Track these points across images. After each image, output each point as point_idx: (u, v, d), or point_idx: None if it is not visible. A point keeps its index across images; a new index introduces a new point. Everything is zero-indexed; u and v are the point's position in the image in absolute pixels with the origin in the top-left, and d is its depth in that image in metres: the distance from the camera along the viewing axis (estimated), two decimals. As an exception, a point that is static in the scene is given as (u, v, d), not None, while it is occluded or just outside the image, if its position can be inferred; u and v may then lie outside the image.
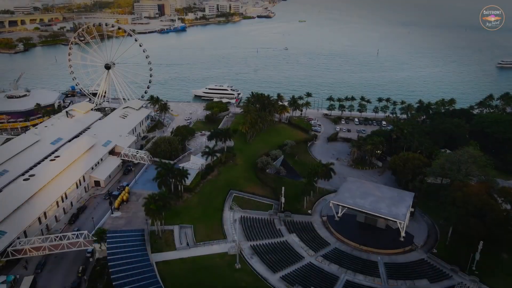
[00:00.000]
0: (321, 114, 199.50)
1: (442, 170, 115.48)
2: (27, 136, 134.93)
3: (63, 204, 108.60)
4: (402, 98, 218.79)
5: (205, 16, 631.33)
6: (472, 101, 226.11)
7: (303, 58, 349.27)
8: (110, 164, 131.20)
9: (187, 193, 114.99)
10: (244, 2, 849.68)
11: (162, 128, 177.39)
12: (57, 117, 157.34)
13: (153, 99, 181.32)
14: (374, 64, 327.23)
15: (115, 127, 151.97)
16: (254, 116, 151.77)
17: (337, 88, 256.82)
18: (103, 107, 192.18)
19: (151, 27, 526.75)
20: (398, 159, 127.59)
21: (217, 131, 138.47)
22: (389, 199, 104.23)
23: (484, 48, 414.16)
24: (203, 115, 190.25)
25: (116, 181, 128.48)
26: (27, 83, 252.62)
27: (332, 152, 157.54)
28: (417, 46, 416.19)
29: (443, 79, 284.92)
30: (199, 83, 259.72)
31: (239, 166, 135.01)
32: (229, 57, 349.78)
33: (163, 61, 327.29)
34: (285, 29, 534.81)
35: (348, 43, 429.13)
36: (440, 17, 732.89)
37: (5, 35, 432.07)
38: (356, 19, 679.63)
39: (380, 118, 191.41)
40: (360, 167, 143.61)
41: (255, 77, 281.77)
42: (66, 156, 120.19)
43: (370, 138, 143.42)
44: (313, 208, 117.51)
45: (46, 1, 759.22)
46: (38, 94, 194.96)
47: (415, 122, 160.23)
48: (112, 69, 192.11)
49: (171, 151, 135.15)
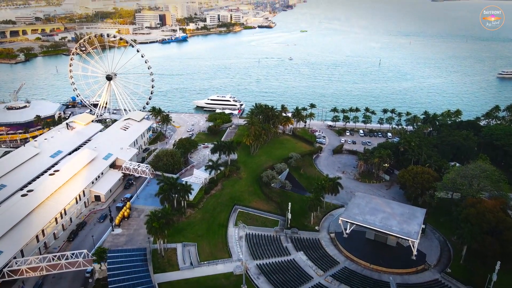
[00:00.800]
0: (325, 125, 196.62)
1: (453, 185, 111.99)
2: (26, 149, 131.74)
3: (62, 221, 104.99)
4: (406, 109, 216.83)
5: (206, 26, 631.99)
6: (475, 112, 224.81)
7: (305, 68, 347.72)
8: (110, 178, 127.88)
9: (190, 208, 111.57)
10: (245, 12, 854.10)
11: (164, 140, 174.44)
12: (57, 129, 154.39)
13: (155, 111, 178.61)
14: (376, 74, 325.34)
15: (116, 140, 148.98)
16: (258, 128, 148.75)
17: (340, 98, 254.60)
18: (104, 119, 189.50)
19: (152, 37, 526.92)
20: (406, 173, 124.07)
21: (221, 144, 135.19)
22: (400, 216, 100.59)
23: (486, 58, 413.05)
24: (205, 127, 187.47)
25: (117, 196, 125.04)
26: (27, 94, 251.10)
27: (337, 165, 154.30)
28: (418, 56, 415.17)
29: (447, 89, 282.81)
30: (201, 94, 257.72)
31: (243, 180, 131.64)
32: (231, 67, 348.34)
33: (165, 71, 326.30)
34: (287, 39, 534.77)
35: (349, 53, 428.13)
36: (440, 27, 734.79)
37: (6, 45, 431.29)
38: (356, 29, 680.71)
39: (385, 130, 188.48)
40: (367, 181, 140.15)
41: (257, 88, 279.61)
42: (66, 170, 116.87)
43: (377, 151, 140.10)
44: (320, 224, 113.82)
45: (48, 11, 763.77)
46: (38, 105, 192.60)
47: (422, 134, 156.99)
48: (114, 80, 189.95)
49: (173, 164, 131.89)
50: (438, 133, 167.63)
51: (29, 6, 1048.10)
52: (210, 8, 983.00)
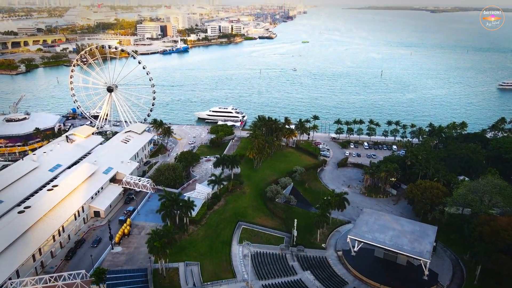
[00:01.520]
0: (328, 137, 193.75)
1: (464, 201, 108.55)
2: (24, 163, 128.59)
3: (59, 238, 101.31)
4: (410, 121, 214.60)
5: (207, 37, 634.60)
6: (479, 124, 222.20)
7: (306, 79, 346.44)
8: (111, 192, 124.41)
9: (192, 225, 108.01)
10: (246, 23, 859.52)
11: (165, 153, 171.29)
12: (56, 142, 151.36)
13: (156, 123, 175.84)
14: (378, 85, 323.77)
15: (116, 153, 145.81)
16: (261, 142, 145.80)
17: (343, 110, 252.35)
18: (105, 131, 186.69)
19: (153, 48, 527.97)
20: (415, 188, 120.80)
21: (224, 157, 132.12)
22: (410, 234, 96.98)
23: (488, 69, 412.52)
24: (207, 139, 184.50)
25: (117, 211, 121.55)
26: (27, 105, 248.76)
27: (342, 178, 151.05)
28: (420, 67, 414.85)
29: (450, 100, 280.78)
30: (202, 105, 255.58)
31: (247, 195, 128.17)
32: (232, 78, 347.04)
33: (166, 82, 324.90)
34: (288, 50, 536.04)
35: (351, 64, 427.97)
36: (440, 38, 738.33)
37: (8, 56, 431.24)
38: (357, 40, 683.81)
39: (390, 142, 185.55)
40: (373, 195, 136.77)
41: (259, 99, 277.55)
42: (65, 185, 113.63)
43: (384, 164, 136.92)
44: (327, 241, 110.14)
45: (50, 23, 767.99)
46: (38, 117, 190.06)
47: (429, 147, 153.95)
48: (115, 92, 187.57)
49: (175, 178, 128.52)
50: (445, 146, 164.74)
51: (31, 17, 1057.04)
52: (211, 19, 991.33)
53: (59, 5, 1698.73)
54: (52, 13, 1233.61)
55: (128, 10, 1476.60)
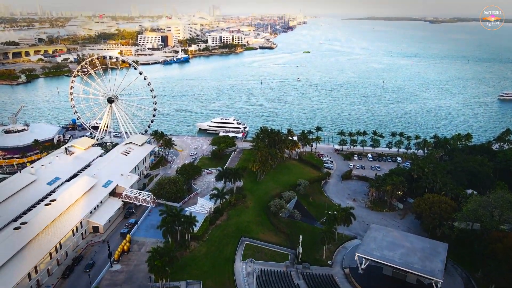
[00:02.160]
0: (332, 149, 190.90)
1: (474, 216, 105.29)
2: (22, 176, 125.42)
3: (56, 255, 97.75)
4: (414, 132, 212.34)
5: (208, 47, 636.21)
6: (484, 135, 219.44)
7: (308, 89, 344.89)
8: (110, 207, 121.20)
9: (194, 241, 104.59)
10: (246, 33, 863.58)
11: (166, 165, 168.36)
12: (55, 154, 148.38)
13: (157, 134, 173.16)
14: (380, 96, 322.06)
15: (116, 165, 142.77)
16: (264, 154, 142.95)
17: (346, 120, 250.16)
18: (105, 142, 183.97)
19: (154, 58, 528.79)
20: (422, 202, 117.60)
21: (226, 170, 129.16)
22: (421, 251, 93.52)
23: (489, 79, 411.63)
24: (208, 150, 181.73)
25: (116, 225, 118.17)
26: (27, 116, 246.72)
27: (347, 191, 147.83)
28: (422, 78, 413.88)
29: (453, 111, 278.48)
30: (203, 116, 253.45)
31: (250, 209, 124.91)
32: (233, 89, 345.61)
33: (167, 92, 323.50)
34: (289, 60, 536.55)
35: (352, 74, 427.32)
36: (440, 49, 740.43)
37: (8, 66, 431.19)
38: (358, 51, 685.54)
39: (394, 154, 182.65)
40: (379, 209, 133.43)
41: (260, 110, 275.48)
42: (63, 200, 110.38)
43: (389, 177, 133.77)
44: (333, 258, 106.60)
45: (52, 33, 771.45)
46: (37, 129, 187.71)
47: (434, 160, 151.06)
48: (115, 103, 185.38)
49: (176, 192, 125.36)
50: (450, 158, 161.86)
51: (33, 27, 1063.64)
52: (211, 29, 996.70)
53: (61, 16, 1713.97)
54: (54, 23, 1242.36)
55: (129, 21, 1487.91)
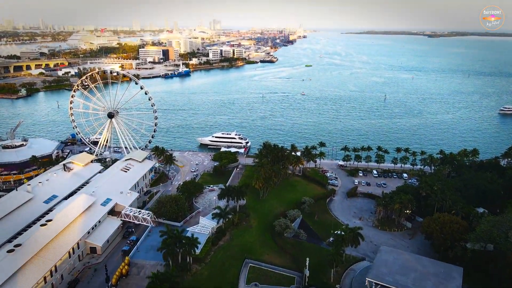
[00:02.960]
0: (336, 165, 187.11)
1: (489, 238, 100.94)
2: (17, 194, 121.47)
3: (51, 279, 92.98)
4: (418, 147, 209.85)
5: (209, 61, 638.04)
6: (487, 150, 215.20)
7: (310, 103, 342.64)
8: (109, 226, 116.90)
9: (196, 264, 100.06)
10: (247, 47, 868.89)
11: (167, 181, 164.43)
12: (53, 171, 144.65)
13: (158, 150, 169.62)
14: (383, 110, 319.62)
15: (116, 182, 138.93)
16: (268, 171, 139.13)
17: (349, 135, 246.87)
18: (104, 158, 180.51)
19: (155, 72, 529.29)
20: (433, 222, 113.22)
21: (229, 188, 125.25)
22: (434, 276, 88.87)
23: (492, 93, 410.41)
24: (210, 166, 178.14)
25: (115, 246, 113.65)
26: (26, 130, 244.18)
27: (353, 210, 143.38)
28: (424, 92, 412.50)
29: (457, 126, 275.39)
30: (205, 131, 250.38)
31: (253, 229, 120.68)
32: (234, 103, 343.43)
33: (167, 106, 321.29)
34: (290, 73, 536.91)
35: (354, 88, 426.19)
36: (440, 63, 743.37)
37: (9, 80, 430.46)
38: (358, 65, 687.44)
39: (399, 170, 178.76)
40: (387, 229, 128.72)
41: (262, 124, 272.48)
42: (59, 220, 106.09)
43: (397, 195, 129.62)
44: (341, 281, 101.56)
45: (53, 47, 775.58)
46: (36, 144, 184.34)
47: (442, 177, 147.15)
48: (115, 118, 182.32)
49: (177, 211, 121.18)
50: (458, 174, 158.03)
51: (35, 41, 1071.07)
52: (212, 43, 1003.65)
53: (63, 30, 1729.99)
54: (56, 37, 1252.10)
55: (130, 35, 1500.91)
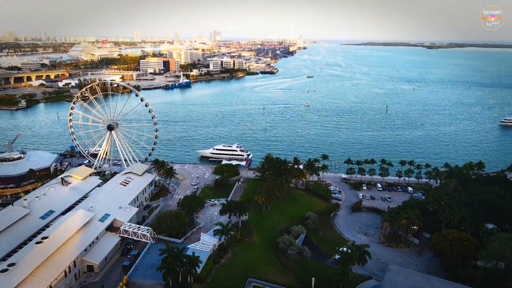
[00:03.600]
0: (339, 178, 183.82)
1: (501, 256, 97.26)
2: (13, 210, 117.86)
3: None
4: (422, 159, 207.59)
5: (209, 72, 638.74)
6: (490, 162, 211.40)
7: (312, 115, 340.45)
8: (107, 243, 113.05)
9: (197, 283, 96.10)
10: (247, 58, 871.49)
11: (167, 195, 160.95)
12: (50, 185, 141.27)
13: (158, 163, 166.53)
14: (385, 121, 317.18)
15: (114, 197, 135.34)
16: (270, 185, 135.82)
17: (351, 147, 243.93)
18: (103, 171, 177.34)
19: (156, 83, 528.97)
20: (442, 239, 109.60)
21: (231, 204, 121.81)
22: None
23: (494, 105, 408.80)
24: (211, 179, 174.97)
25: (113, 264, 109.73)
26: (25, 142, 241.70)
27: (358, 225, 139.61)
28: (425, 103, 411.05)
29: (460, 138, 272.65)
30: (205, 143, 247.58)
31: (256, 245, 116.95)
32: (235, 114, 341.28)
33: (168, 117, 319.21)
34: (291, 85, 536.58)
35: (355, 99, 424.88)
36: (440, 74, 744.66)
37: (9, 91, 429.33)
38: (359, 76, 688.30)
39: (404, 184, 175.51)
40: (394, 245, 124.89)
41: (263, 136, 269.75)
42: (56, 237, 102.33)
43: (404, 211, 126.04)
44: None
45: (54, 58, 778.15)
46: (34, 157, 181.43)
47: (449, 191, 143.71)
48: (115, 130, 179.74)
49: (177, 227, 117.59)
50: (464, 188, 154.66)
51: (37, 53, 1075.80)
52: (212, 54, 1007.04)
53: (65, 41, 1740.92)
54: (57, 48, 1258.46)
55: (131, 46, 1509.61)
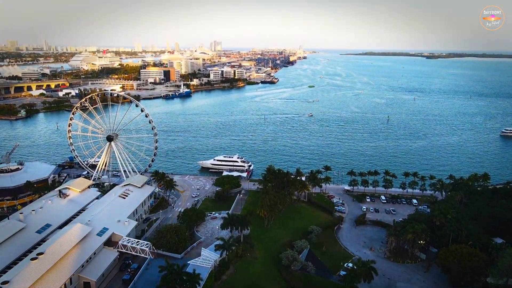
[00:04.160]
0: (342, 190, 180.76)
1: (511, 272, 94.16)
2: (9, 224, 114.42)
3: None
4: (426, 171, 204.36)
5: (210, 81, 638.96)
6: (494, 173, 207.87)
7: (313, 125, 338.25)
8: (104, 259, 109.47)
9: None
10: (247, 68, 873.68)
11: (167, 207, 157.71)
12: (48, 198, 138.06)
13: (158, 175, 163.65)
14: (387, 132, 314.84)
15: (113, 210, 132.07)
16: (273, 198, 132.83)
17: (353, 158, 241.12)
18: (102, 183, 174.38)
19: (156, 93, 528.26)
20: (450, 254, 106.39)
21: (233, 217, 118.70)
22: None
23: (496, 115, 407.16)
24: (212, 191, 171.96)
25: (110, 280, 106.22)
26: (23, 153, 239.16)
27: (362, 239, 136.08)
28: (426, 113, 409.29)
29: (463, 149, 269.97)
30: (206, 153, 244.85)
31: (258, 261, 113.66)
32: (235, 124, 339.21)
33: (168, 127, 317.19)
34: (291, 94, 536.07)
35: (356, 109, 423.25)
36: (440, 83, 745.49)
37: (9, 101, 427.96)
38: (359, 85, 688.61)
39: (408, 196, 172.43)
40: (400, 260, 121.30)
41: (264, 146, 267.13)
42: (51, 253, 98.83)
43: (410, 225, 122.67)
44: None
45: (55, 68, 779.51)
46: (32, 168, 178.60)
47: (456, 204, 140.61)
48: (115, 141, 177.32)
49: (178, 242, 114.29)
50: (470, 201, 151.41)
51: (38, 62, 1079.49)
52: (213, 64, 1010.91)
53: (66, 51, 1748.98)
54: (59, 58, 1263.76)
55: (132, 56, 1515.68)
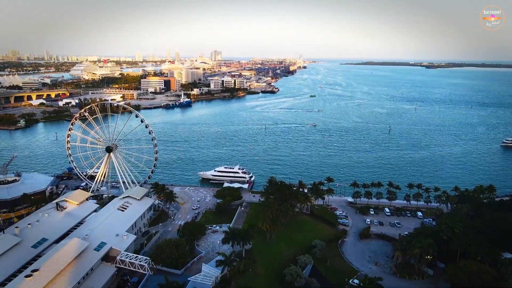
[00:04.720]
0: (345, 202, 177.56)
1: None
2: (4, 238, 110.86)
3: None
4: (430, 182, 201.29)
5: (210, 91, 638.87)
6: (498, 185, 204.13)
7: (314, 135, 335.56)
8: (102, 275, 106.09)
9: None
10: (248, 77, 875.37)
11: (167, 220, 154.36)
12: (44, 210, 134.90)
13: (158, 187, 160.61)
14: (389, 142, 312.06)
15: (111, 223, 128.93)
16: (275, 211, 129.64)
17: (356, 169, 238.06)
18: (101, 195, 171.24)
19: (156, 102, 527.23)
20: (459, 271, 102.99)
21: (234, 232, 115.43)
22: None
23: (498, 124, 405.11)
24: (212, 203, 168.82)
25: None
26: (21, 163, 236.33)
27: (367, 253, 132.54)
28: (428, 123, 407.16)
29: (467, 159, 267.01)
30: (206, 164, 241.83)
31: (261, 277, 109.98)
32: (236, 134, 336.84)
33: (168, 137, 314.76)
34: (292, 104, 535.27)
35: (357, 119, 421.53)
36: (441, 93, 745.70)
37: (9, 110, 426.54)
38: (359, 95, 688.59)
39: (413, 208, 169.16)
40: (407, 276, 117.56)
41: (265, 157, 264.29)
42: (47, 269, 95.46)
43: (416, 239, 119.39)
44: None
45: (56, 77, 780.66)
46: (29, 179, 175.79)
47: (463, 217, 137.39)
48: (114, 152, 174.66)
49: (178, 257, 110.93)
50: (476, 214, 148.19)
51: (39, 72, 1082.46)
52: (213, 73, 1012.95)
53: (67, 61, 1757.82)
54: (60, 68, 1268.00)
55: (133, 65, 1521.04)
